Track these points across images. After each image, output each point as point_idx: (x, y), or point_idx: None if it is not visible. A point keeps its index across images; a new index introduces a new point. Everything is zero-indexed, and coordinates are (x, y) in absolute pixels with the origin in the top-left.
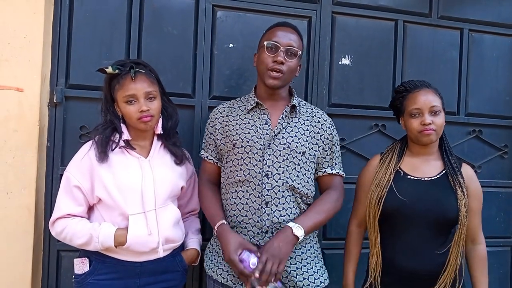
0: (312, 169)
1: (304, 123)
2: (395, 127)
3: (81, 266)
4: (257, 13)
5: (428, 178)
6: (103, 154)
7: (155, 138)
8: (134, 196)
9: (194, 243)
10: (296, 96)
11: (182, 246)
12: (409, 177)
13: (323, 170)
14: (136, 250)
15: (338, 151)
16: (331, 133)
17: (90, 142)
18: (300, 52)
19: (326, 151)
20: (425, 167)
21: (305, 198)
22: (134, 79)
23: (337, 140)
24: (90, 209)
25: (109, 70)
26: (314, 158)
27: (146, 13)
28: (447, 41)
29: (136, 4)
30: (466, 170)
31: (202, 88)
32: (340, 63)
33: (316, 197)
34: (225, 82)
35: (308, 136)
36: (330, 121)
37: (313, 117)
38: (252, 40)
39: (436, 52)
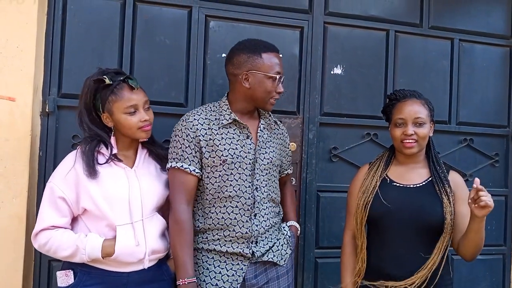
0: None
1: (274, 137)
2: (387, 136)
3: (65, 278)
4: (249, 23)
5: (413, 185)
6: (92, 169)
7: (140, 147)
8: (122, 207)
9: None
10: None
11: (167, 255)
12: (395, 184)
13: (285, 172)
14: (123, 261)
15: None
16: (288, 142)
17: (74, 152)
18: None
19: (285, 158)
20: (411, 174)
21: (276, 205)
22: (133, 90)
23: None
24: (74, 219)
25: (107, 81)
26: (280, 167)
27: (138, 23)
28: (438, 51)
29: (129, 15)
30: (454, 177)
31: (194, 97)
32: (332, 72)
33: None
34: (218, 92)
35: (278, 149)
36: (285, 130)
37: (278, 129)
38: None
39: (427, 62)
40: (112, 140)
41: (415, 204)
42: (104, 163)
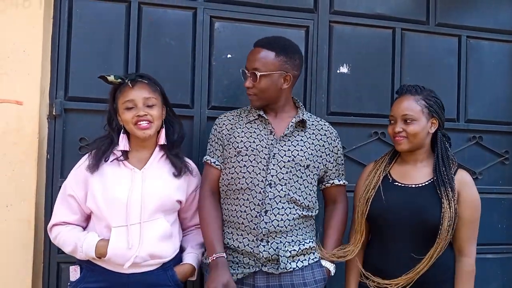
0: (315, 181)
1: (310, 137)
2: None
3: (73, 273)
4: (254, 23)
5: (415, 185)
6: (92, 165)
7: (157, 148)
8: (119, 209)
9: (190, 258)
10: (302, 107)
11: (180, 260)
12: (396, 183)
13: (331, 181)
14: (116, 262)
15: (343, 161)
16: (336, 146)
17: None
18: (263, 70)
19: (332, 163)
20: (414, 173)
21: (307, 209)
22: (133, 86)
23: (341, 151)
24: (88, 217)
25: (111, 78)
26: (318, 170)
27: (144, 25)
28: (445, 48)
29: (134, 17)
30: (462, 176)
31: (200, 98)
32: (338, 71)
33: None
34: (224, 92)
35: (313, 150)
36: (336, 133)
37: (319, 130)
38: (250, 50)
39: (435, 59)
40: (121, 138)
41: (414, 205)
42: (113, 159)
